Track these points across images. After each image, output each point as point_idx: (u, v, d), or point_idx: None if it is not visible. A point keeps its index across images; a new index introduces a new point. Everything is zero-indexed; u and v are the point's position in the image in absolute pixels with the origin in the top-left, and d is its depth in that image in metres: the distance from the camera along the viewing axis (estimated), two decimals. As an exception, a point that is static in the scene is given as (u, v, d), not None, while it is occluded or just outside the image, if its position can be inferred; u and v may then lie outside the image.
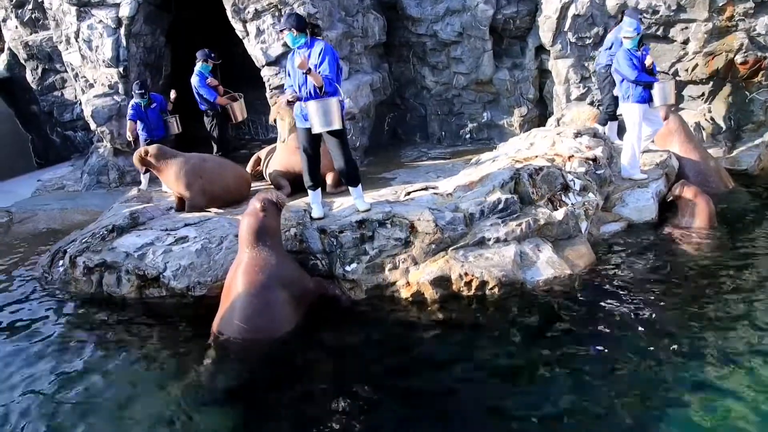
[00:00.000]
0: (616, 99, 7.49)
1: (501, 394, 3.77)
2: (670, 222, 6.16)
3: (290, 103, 5.49)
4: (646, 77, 6.63)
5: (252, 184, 7.22)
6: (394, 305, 5.02)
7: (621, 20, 7.71)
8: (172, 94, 8.57)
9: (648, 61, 6.70)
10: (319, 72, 5.15)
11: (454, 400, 3.74)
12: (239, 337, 4.52)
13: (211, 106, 8.20)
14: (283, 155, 6.99)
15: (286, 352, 4.46)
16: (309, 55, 5.19)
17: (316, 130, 5.24)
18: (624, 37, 6.69)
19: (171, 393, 4.03)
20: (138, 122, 8.30)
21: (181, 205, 6.59)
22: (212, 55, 8.10)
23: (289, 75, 5.46)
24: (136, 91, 8.14)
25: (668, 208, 6.40)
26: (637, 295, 4.86)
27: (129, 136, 8.40)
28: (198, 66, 8.12)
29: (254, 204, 4.95)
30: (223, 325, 4.61)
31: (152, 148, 6.78)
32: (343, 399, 3.79)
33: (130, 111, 8.24)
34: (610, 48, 7.61)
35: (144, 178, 8.52)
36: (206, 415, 3.79)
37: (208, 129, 8.43)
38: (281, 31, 5.35)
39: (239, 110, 8.09)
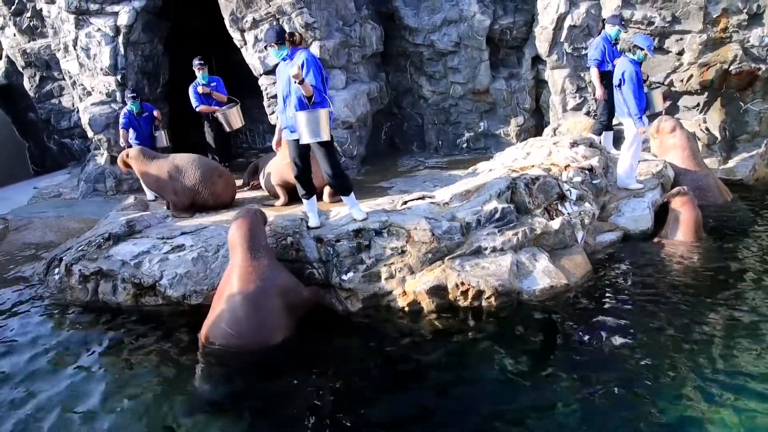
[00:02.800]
0: (610, 109, 7.54)
1: (497, 404, 3.76)
2: (660, 234, 6.15)
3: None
4: (642, 105, 6.66)
5: (252, 193, 7.23)
6: (390, 314, 5.01)
7: (603, 28, 7.79)
8: (157, 113, 8.61)
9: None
10: (312, 84, 5.17)
11: (449, 410, 3.73)
12: (225, 342, 4.49)
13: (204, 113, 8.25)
14: (280, 165, 6.99)
15: (280, 361, 4.44)
16: (291, 66, 5.20)
17: (304, 140, 5.22)
18: (638, 48, 6.65)
19: (164, 401, 4.01)
20: (130, 131, 8.35)
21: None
22: (197, 62, 8.08)
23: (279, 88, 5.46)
24: (129, 95, 8.25)
25: (664, 217, 6.42)
26: (633, 304, 4.87)
27: (122, 143, 8.44)
28: (198, 75, 8.15)
29: (246, 209, 5.05)
30: (211, 329, 4.58)
31: (132, 151, 6.93)
32: (337, 408, 3.79)
33: (122, 119, 8.28)
34: (603, 61, 7.68)
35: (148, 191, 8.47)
36: (198, 424, 3.77)
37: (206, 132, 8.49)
38: (264, 47, 5.36)
39: (233, 118, 8.05)
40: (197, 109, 8.15)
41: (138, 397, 4.07)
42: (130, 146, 8.28)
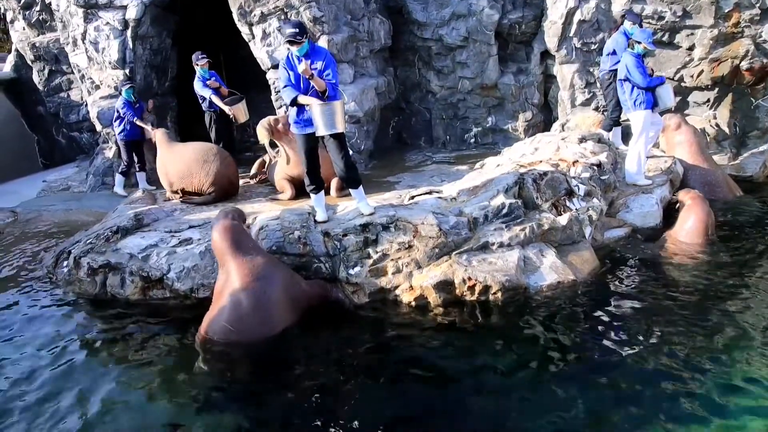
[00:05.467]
0: (620, 104, 7.49)
1: (502, 400, 3.75)
2: (669, 231, 6.06)
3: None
4: (656, 80, 6.69)
5: (259, 187, 7.24)
6: (396, 309, 5.01)
7: (621, 24, 7.72)
8: (150, 104, 9.12)
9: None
10: (327, 77, 5.23)
11: (454, 406, 3.73)
12: (224, 338, 4.48)
13: (209, 106, 8.26)
14: (287, 159, 7.00)
15: (285, 355, 4.45)
16: (313, 61, 5.22)
17: (320, 132, 5.28)
18: (636, 42, 6.68)
19: (170, 394, 4.02)
20: (119, 123, 8.72)
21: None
22: (199, 56, 8.14)
23: (289, 80, 5.36)
24: (125, 83, 8.66)
25: (672, 214, 6.37)
26: (640, 301, 4.84)
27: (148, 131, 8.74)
28: (198, 70, 8.17)
29: (222, 214, 5.03)
30: (211, 326, 4.57)
31: (157, 133, 7.46)
32: (342, 401, 3.79)
33: (126, 110, 8.60)
34: (614, 53, 7.61)
35: (140, 178, 8.96)
36: (204, 417, 3.78)
37: (208, 127, 8.50)
38: (300, 41, 5.17)
39: (240, 112, 8.08)
40: (210, 97, 8.14)
41: (144, 389, 4.09)
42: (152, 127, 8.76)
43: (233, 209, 5.27)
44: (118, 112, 8.66)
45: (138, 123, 8.72)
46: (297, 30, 5.15)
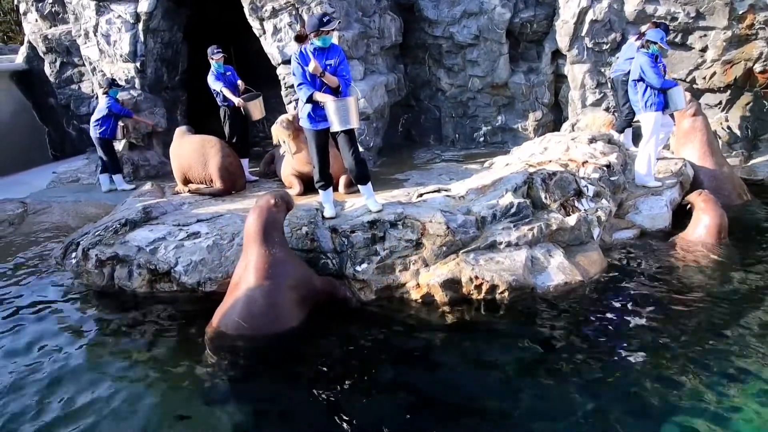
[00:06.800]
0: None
1: (508, 399, 3.74)
2: (681, 233, 6.03)
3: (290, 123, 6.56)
4: (669, 82, 6.65)
5: (268, 183, 7.24)
6: (403, 307, 5.01)
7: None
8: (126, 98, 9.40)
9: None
10: (341, 74, 5.28)
11: (460, 404, 3.73)
12: (236, 333, 4.49)
13: (224, 100, 8.26)
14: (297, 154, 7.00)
15: (294, 351, 4.45)
16: (328, 57, 5.24)
17: (335, 128, 5.27)
18: (652, 42, 6.63)
19: (175, 387, 4.03)
20: (100, 123, 8.90)
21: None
22: (215, 50, 8.13)
23: (304, 75, 5.33)
24: (112, 83, 9.00)
25: (682, 216, 6.33)
26: (647, 304, 4.81)
27: (146, 126, 9.19)
28: (213, 64, 8.18)
29: (266, 198, 4.92)
30: (223, 319, 4.58)
31: (177, 131, 7.66)
32: (346, 400, 3.80)
33: (118, 108, 8.87)
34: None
35: (102, 180, 9.17)
36: (206, 413, 3.78)
37: (222, 122, 8.51)
38: (332, 29, 5.23)
39: (256, 109, 8.09)
40: (221, 90, 8.13)
41: (149, 382, 4.10)
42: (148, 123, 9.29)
43: (281, 194, 5.11)
44: (109, 110, 8.76)
45: (137, 118, 9.11)
46: (329, 18, 5.19)
